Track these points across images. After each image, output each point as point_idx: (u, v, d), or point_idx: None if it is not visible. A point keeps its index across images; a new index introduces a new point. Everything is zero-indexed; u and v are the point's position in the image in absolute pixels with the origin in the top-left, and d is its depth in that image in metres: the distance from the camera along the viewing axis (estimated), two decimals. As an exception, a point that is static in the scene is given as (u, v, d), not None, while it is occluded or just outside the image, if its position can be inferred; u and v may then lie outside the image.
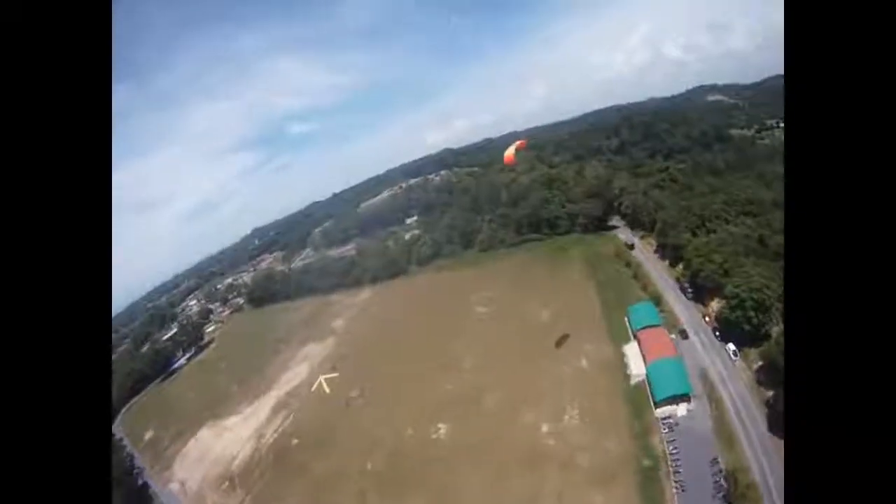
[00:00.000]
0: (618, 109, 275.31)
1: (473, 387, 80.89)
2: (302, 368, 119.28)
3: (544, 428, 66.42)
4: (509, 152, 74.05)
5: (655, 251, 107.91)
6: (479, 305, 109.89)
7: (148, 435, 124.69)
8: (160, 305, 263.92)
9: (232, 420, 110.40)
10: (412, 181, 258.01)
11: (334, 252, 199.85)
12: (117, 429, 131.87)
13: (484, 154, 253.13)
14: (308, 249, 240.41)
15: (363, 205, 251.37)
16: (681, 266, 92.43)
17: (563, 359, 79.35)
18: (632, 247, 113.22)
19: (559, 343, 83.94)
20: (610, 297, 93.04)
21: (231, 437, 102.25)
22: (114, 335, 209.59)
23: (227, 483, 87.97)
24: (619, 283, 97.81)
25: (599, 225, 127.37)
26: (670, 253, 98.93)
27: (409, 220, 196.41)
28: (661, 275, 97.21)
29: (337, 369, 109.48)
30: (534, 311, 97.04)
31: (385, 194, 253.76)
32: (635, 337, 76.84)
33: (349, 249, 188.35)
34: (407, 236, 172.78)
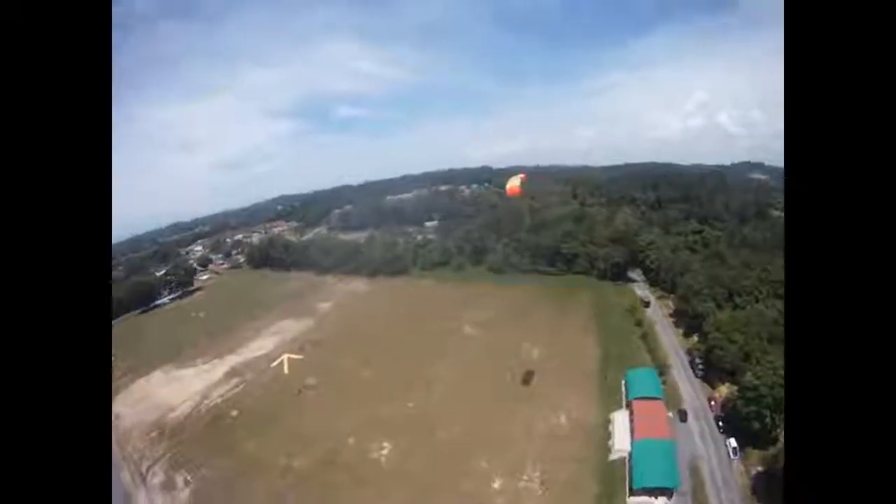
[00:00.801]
0: (661, 166, 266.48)
1: (435, 413, 72.14)
2: (270, 341, 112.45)
3: (495, 483, 57.16)
4: (514, 183, 73.67)
5: (672, 315, 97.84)
6: (469, 326, 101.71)
7: None
8: (167, 243, 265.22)
9: (186, 371, 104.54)
10: (443, 187, 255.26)
11: (346, 236, 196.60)
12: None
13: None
14: (322, 228, 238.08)
15: (389, 198, 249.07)
16: (696, 338, 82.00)
17: (539, 408, 69.62)
18: (647, 304, 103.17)
19: (525, 380, 77.49)
20: (611, 353, 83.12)
21: (178, 388, 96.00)
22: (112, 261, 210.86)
23: (156, 432, 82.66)
24: (624, 340, 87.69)
25: (618, 274, 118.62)
26: (688, 321, 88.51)
27: (428, 224, 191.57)
28: (672, 342, 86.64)
29: (304, 352, 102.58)
30: (525, 347, 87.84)
31: (412, 193, 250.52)
32: (628, 405, 66.70)
33: (361, 237, 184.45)
34: (420, 238, 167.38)
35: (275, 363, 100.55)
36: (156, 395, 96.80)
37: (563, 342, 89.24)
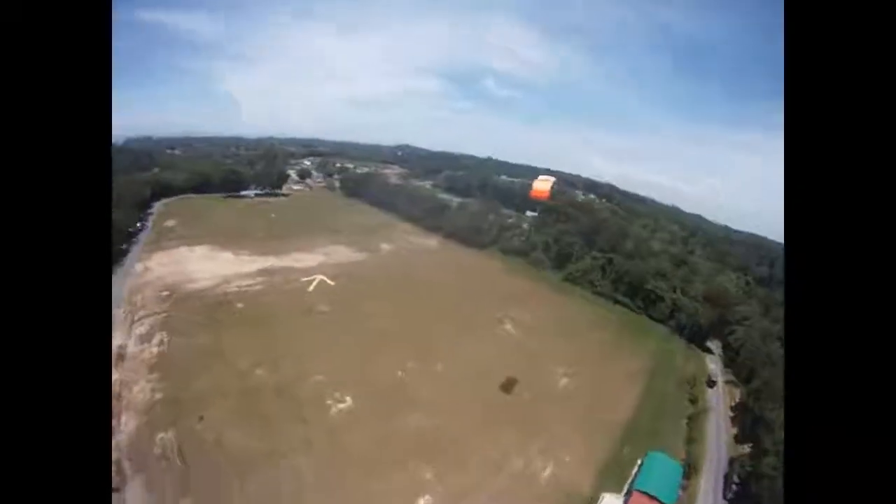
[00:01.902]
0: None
1: (415, 392, 63.10)
2: (315, 260, 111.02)
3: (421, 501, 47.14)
4: (543, 186, 67.30)
5: (734, 409, 76.26)
6: (510, 323, 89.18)
7: (169, 223, 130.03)
8: (280, 149, 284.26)
9: (226, 255, 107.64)
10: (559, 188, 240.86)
11: (443, 195, 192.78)
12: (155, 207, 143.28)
13: (643, 208, 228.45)
14: (427, 182, 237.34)
15: (503, 177, 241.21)
16: (749, 448, 62.33)
17: (528, 440, 56.99)
18: (712, 384, 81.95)
19: (505, 387, 67.11)
20: (642, 420, 66.19)
21: (210, 266, 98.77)
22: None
23: (166, 293, 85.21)
24: (668, 412, 69.96)
25: (696, 336, 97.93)
26: (749, 424, 67.47)
27: (528, 213, 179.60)
28: (719, 442, 66.98)
29: (338, 281, 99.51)
30: (554, 371, 73.64)
31: (526, 181, 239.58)
32: (627, 493, 51.02)
33: (456, 201, 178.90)
34: (511, 221, 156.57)
35: (306, 279, 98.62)
36: (188, 264, 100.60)
37: (599, 381, 73.45)
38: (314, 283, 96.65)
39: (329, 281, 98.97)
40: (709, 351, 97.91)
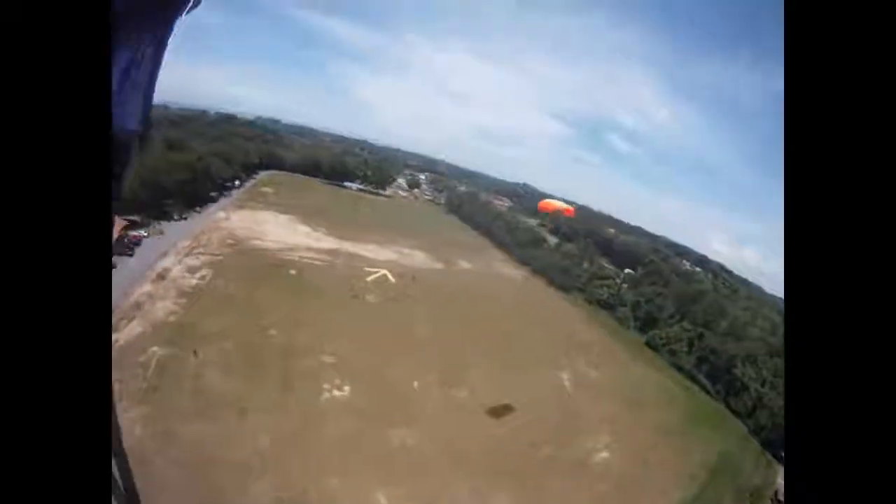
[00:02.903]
0: None
1: (427, 412, 55.02)
2: (389, 255, 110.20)
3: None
4: (555, 205, 57.77)
5: None
6: (566, 374, 75.75)
7: (265, 189, 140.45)
8: (405, 160, 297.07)
9: (304, 228, 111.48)
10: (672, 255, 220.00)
11: (549, 235, 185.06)
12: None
13: (748, 291, 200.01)
14: (535, 221, 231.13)
15: (611, 230, 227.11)
16: None
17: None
18: None
19: (531, 439, 53.53)
20: None
21: (284, 233, 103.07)
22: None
23: (231, 241, 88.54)
24: None
25: (772, 441, 75.71)
26: None
27: (626, 270, 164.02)
28: None
29: (399, 281, 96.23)
30: (596, 439, 58.35)
31: (632, 239, 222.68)
32: None
33: (558, 243, 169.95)
34: (603, 272, 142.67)
35: (369, 269, 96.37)
36: (265, 226, 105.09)
37: (644, 466, 57.28)
38: (375, 275, 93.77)
39: (391, 278, 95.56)
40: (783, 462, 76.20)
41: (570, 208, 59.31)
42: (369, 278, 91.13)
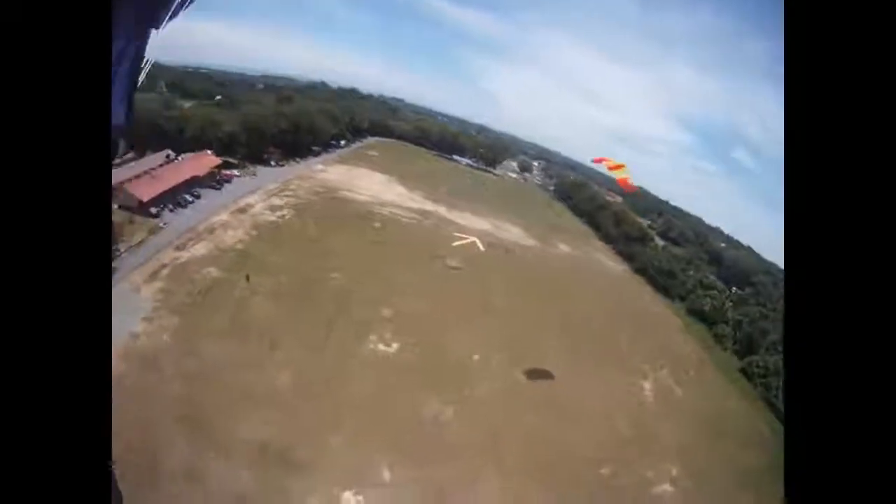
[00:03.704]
0: None
1: (453, 397, 46.65)
2: (482, 223, 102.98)
3: None
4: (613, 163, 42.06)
5: None
6: (648, 384, 60.48)
7: (371, 152, 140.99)
8: (522, 148, 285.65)
9: (399, 188, 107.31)
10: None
11: (658, 238, 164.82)
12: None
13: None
14: (646, 220, 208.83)
15: (723, 245, 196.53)
16: None
17: None
18: None
19: (587, 455, 40.58)
20: None
21: (378, 190, 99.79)
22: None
23: (322, 190, 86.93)
24: None
25: None
26: None
27: (735, 289, 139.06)
28: None
29: (490, 249, 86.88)
30: (662, 468, 43.87)
31: (741, 255, 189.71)
32: None
33: (663, 244, 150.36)
34: (708, 281, 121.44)
35: (459, 234, 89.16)
36: (360, 180, 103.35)
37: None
38: (464, 241, 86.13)
39: (481, 246, 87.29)
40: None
41: (629, 180, 44.39)
42: (456, 243, 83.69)
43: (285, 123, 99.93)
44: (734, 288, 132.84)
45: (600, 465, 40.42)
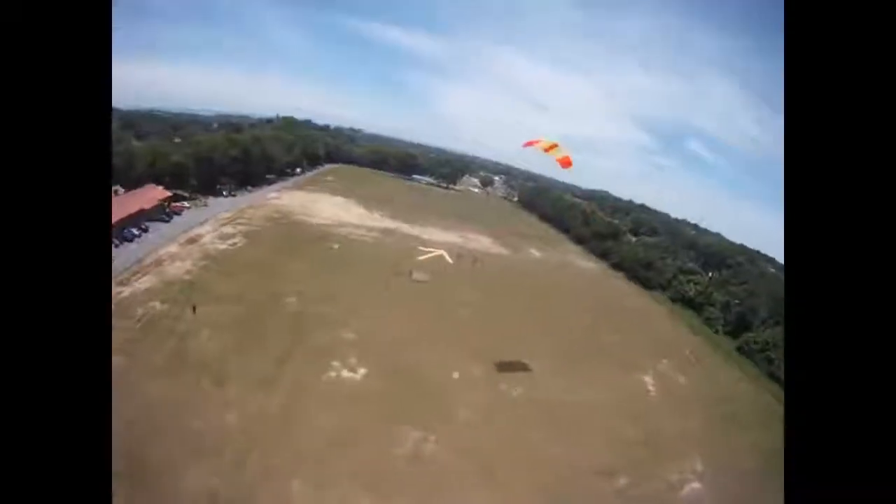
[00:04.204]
0: None
1: (430, 424, 42.98)
2: (447, 236, 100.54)
3: None
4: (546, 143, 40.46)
5: None
6: (649, 377, 58.80)
7: (328, 177, 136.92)
8: (480, 165, 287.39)
9: (359, 210, 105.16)
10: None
11: (632, 236, 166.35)
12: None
13: None
14: (615, 220, 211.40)
15: (693, 233, 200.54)
16: None
17: None
18: None
19: (603, 467, 36.98)
20: None
21: (336, 213, 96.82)
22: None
23: (277, 215, 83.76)
24: None
25: None
26: None
27: (712, 274, 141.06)
28: None
29: (458, 263, 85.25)
30: (685, 466, 40.91)
31: (717, 243, 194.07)
32: None
33: (641, 240, 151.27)
34: (689, 266, 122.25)
35: (423, 249, 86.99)
36: (317, 205, 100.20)
37: (745, 495, 40.53)
38: (430, 255, 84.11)
39: (449, 258, 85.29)
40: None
41: (568, 157, 42.82)
42: (422, 257, 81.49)
43: (236, 151, 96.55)
44: (711, 272, 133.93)
45: (615, 476, 36.91)
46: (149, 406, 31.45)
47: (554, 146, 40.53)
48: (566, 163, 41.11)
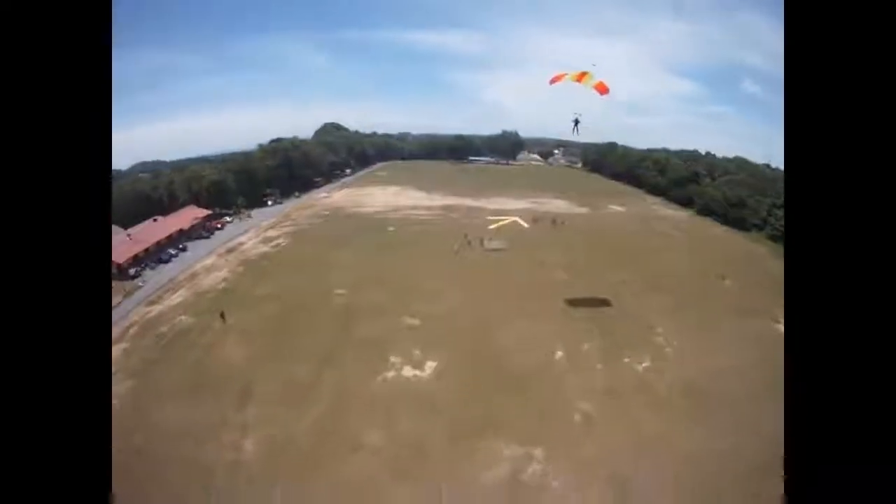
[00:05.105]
0: None
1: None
2: (518, 203, 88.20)
3: None
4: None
5: None
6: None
7: (380, 172, 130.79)
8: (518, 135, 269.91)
9: (417, 193, 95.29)
10: None
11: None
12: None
13: None
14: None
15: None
16: None
17: None
18: None
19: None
20: None
21: (391, 199, 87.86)
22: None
23: (327, 213, 75.85)
24: None
25: None
26: None
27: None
28: None
29: (535, 226, 72.99)
30: None
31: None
32: None
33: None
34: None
35: (493, 218, 75.08)
36: (369, 197, 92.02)
37: None
38: (501, 223, 72.07)
39: (524, 223, 73.00)
40: None
41: (603, 82, 36.00)
42: (493, 226, 69.65)
43: (274, 161, 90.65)
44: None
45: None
46: (159, 434, 22.57)
47: (584, 74, 36.55)
48: (602, 89, 37.13)
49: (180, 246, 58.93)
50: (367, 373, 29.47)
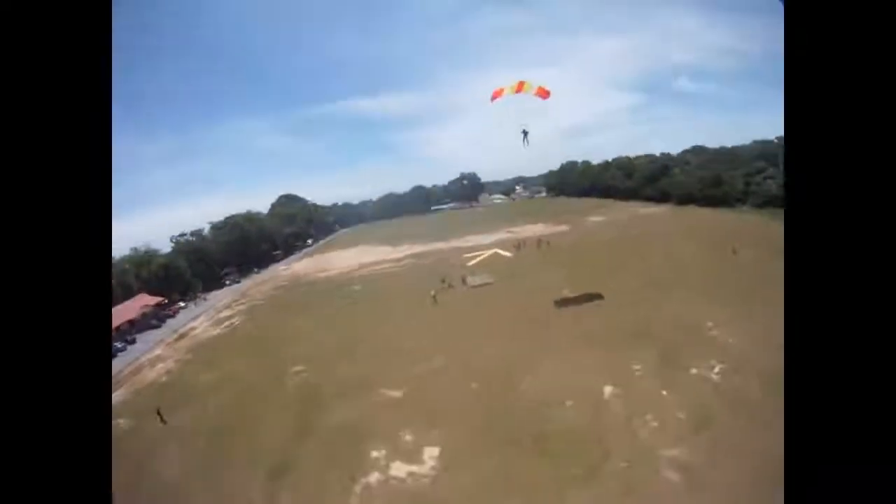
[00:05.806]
0: None
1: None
2: (493, 237, 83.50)
3: None
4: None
5: None
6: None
7: (344, 236, 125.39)
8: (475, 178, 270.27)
9: (383, 248, 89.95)
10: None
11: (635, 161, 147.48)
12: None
13: None
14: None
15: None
16: None
17: None
18: None
19: None
20: None
21: (356, 257, 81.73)
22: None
23: (285, 283, 69.76)
24: None
25: None
26: None
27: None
28: None
29: (518, 252, 68.04)
30: None
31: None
32: None
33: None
34: (757, 165, 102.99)
35: (469, 255, 70.13)
36: (333, 260, 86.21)
37: None
38: (480, 258, 67.28)
39: (504, 252, 68.40)
40: None
41: (538, 86, 35.80)
42: (472, 262, 64.54)
43: (228, 237, 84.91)
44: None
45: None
46: None
47: (521, 84, 36.26)
48: (543, 93, 36.62)
49: (128, 338, 52.25)
50: (340, 481, 20.60)
